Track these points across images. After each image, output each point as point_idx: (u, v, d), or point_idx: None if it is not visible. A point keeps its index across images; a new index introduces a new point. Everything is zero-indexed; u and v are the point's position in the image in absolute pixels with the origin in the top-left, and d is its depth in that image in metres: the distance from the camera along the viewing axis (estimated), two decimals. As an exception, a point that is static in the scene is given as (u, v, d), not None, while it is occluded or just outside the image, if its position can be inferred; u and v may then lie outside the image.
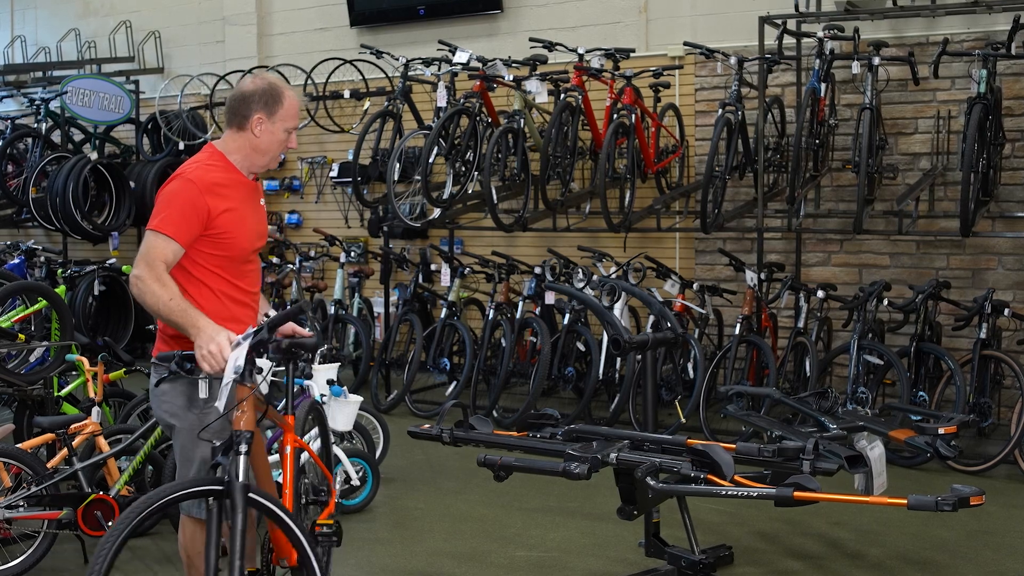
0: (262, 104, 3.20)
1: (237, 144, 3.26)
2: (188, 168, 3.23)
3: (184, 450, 3.27)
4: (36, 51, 10.66)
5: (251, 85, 3.24)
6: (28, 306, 6.07)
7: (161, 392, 3.21)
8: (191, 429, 3.18)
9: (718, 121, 6.52)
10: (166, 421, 3.28)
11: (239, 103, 3.23)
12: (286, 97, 3.23)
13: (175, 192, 3.15)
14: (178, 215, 3.10)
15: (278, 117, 3.21)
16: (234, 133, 3.26)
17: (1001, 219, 6.73)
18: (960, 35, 6.78)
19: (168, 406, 3.23)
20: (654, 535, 4.04)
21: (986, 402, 5.95)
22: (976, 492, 3.31)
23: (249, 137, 3.23)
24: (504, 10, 8.43)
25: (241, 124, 3.23)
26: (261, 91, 3.21)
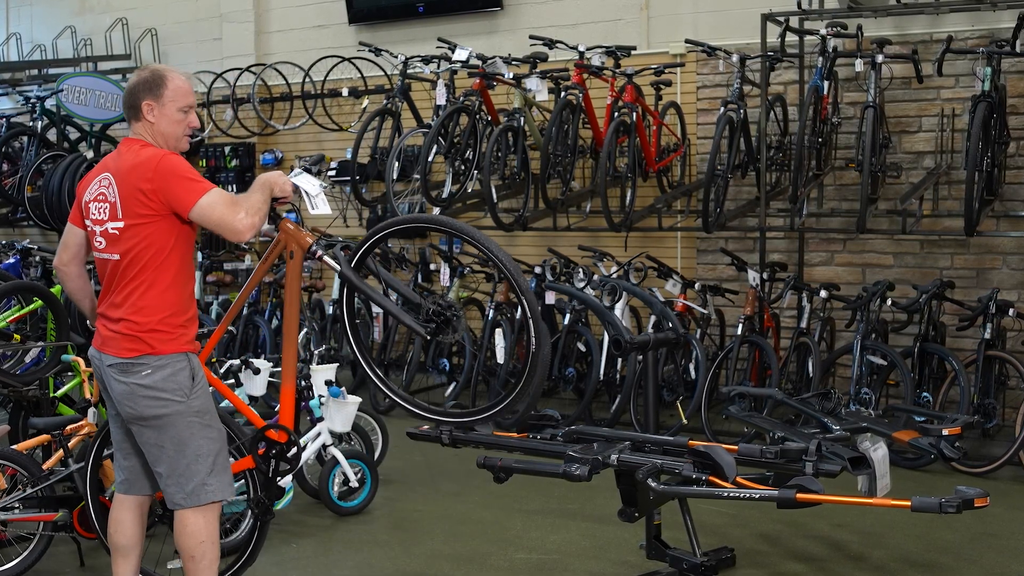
0: (147, 91, 3.34)
1: (140, 134, 3.37)
2: (153, 149, 3.32)
3: (181, 435, 3.29)
4: (32, 49, 10.63)
5: (136, 77, 3.41)
6: (23, 306, 6.04)
7: (160, 379, 3.25)
8: (189, 412, 3.29)
9: (720, 119, 6.48)
10: (153, 412, 3.27)
11: (128, 96, 3.39)
12: (169, 79, 3.36)
13: (180, 162, 3.28)
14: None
15: (166, 99, 3.33)
16: (135, 125, 3.40)
17: (1006, 218, 6.69)
18: (964, 32, 6.74)
19: (166, 393, 3.26)
20: (655, 537, 4.02)
21: (990, 403, 5.91)
22: (980, 494, 3.30)
23: (146, 125, 3.35)
24: (504, 7, 8.39)
25: (136, 115, 3.37)
26: (144, 80, 3.37)
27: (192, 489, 3.32)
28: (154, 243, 3.26)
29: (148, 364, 3.26)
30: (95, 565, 4.36)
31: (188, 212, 3.23)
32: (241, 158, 9.40)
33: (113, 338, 3.31)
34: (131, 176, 3.25)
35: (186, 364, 3.33)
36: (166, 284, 3.29)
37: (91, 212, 3.35)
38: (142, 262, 3.26)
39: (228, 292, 9.06)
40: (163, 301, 3.29)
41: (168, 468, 3.32)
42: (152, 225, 3.25)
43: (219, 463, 3.37)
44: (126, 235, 3.26)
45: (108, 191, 3.30)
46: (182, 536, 3.37)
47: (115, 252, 3.29)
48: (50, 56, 10.42)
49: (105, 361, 3.33)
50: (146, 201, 3.23)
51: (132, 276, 3.28)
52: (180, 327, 3.33)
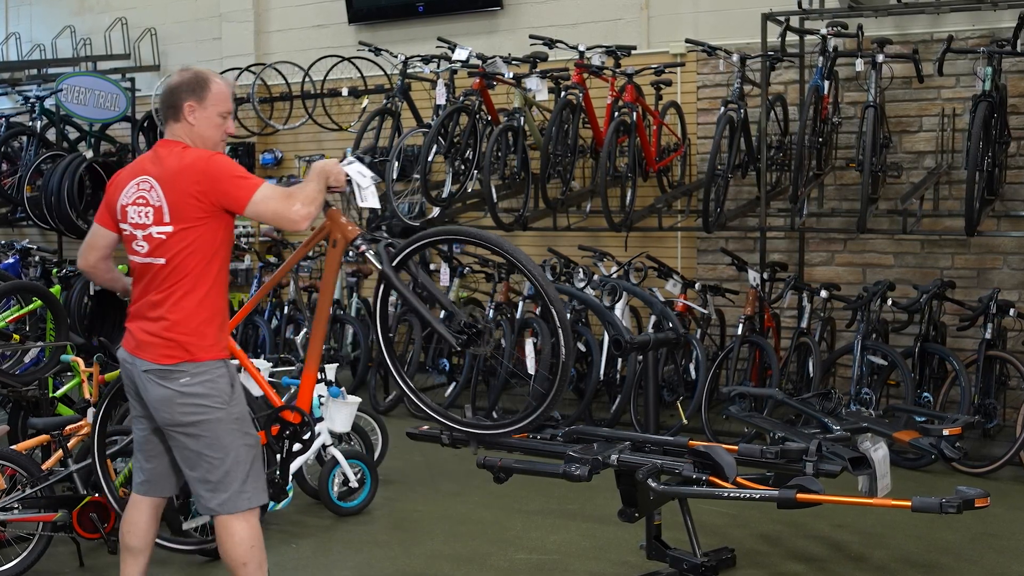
0: (190, 91, 3.30)
1: (178, 135, 3.33)
2: (198, 150, 3.28)
3: (220, 443, 3.26)
4: (31, 48, 10.61)
5: (177, 77, 3.36)
6: (23, 306, 6.03)
7: (199, 385, 3.22)
8: (229, 419, 3.26)
9: (720, 119, 6.48)
10: (193, 419, 3.23)
11: (169, 95, 3.34)
12: (213, 83, 3.33)
13: (228, 161, 3.27)
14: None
15: (209, 102, 3.31)
16: (173, 126, 3.35)
17: (1006, 218, 6.69)
18: (965, 32, 6.73)
19: (206, 400, 3.23)
20: (655, 537, 4.01)
21: (991, 403, 5.91)
22: (981, 494, 3.30)
23: (185, 126, 3.31)
24: (504, 7, 8.38)
25: (175, 115, 3.32)
26: (187, 81, 3.32)
27: (229, 496, 3.28)
28: (200, 248, 3.23)
29: (187, 371, 3.22)
30: (94, 565, 4.36)
31: (244, 209, 3.20)
32: (241, 158, 9.38)
33: (150, 343, 3.26)
34: (180, 179, 3.20)
35: (225, 371, 3.29)
36: (206, 289, 3.26)
37: (129, 216, 3.28)
38: (188, 267, 3.22)
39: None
40: (203, 306, 3.25)
41: (205, 475, 3.27)
42: (201, 228, 3.22)
43: (255, 469, 3.34)
44: (174, 239, 3.21)
45: (150, 195, 3.24)
46: (231, 544, 3.32)
47: (161, 256, 3.24)
48: (49, 56, 10.40)
49: (140, 366, 3.28)
50: (197, 204, 3.19)
51: (175, 280, 3.23)
52: (218, 333, 3.30)
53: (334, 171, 3.40)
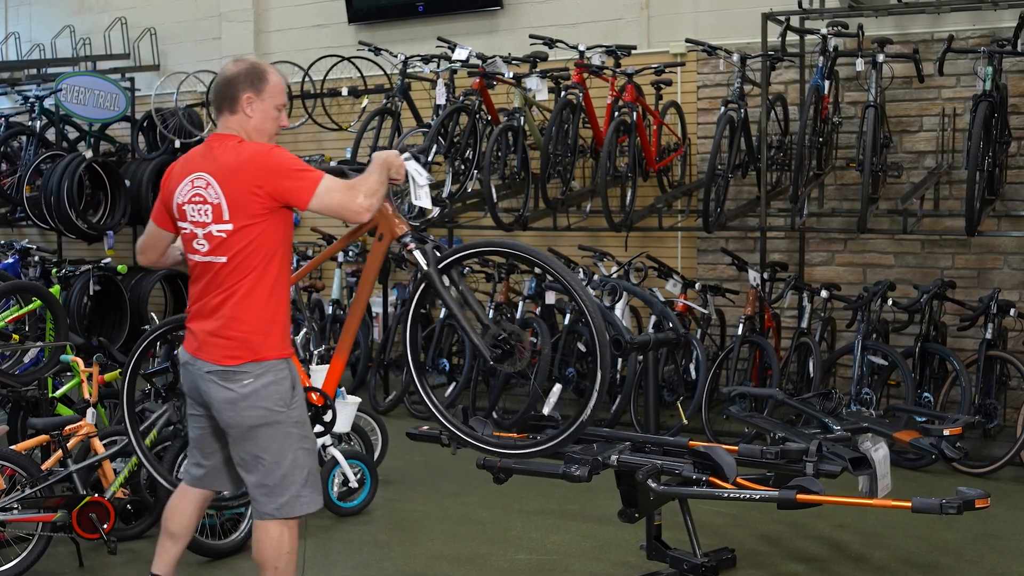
0: (249, 83, 3.22)
1: (233, 128, 3.24)
2: (255, 144, 3.21)
3: (279, 446, 3.21)
4: (30, 48, 10.59)
5: (234, 68, 3.27)
6: (22, 306, 6.02)
7: (262, 387, 3.18)
8: (289, 422, 3.22)
9: (720, 119, 6.47)
10: (253, 422, 3.19)
11: (226, 87, 3.24)
12: (270, 74, 3.26)
13: (288, 155, 3.20)
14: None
15: (266, 94, 3.23)
16: (228, 118, 3.26)
17: (1007, 218, 6.68)
18: (965, 32, 6.72)
19: (268, 403, 3.19)
20: (656, 538, 4.01)
21: (992, 403, 5.90)
22: (981, 495, 3.30)
23: (242, 119, 3.24)
24: (504, 7, 8.38)
25: (232, 107, 3.23)
26: (245, 72, 3.23)
27: (285, 501, 3.22)
28: (263, 244, 3.16)
29: (250, 373, 3.17)
30: (94, 566, 4.35)
31: (307, 204, 3.13)
32: (241, 158, 9.37)
33: (213, 344, 3.20)
34: (240, 175, 3.13)
35: (287, 373, 3.24)
36: (269, 287, 3.20)
37: (188, 215, 3.21)
38: (251, 264, 3.16)
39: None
40: (266, 305, 3.20)
41: (262, 478, 3.22)
42: (263, 224, 3.15)
43: (312, 474, 3.29)
44: (235, 237, 3.15)
45: (207, 192, 3.17)
46: (265, 547, 3.26)
47: (222, 255, 3.17)
48: (49, 55, 10.38)
49: (202, 367, 3.22)
50: (258, 199, 3.13)
51: (237, 279, 3.17)
52: (282, 331, 3.25)
53: (396, 163, 3.32)
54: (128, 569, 4.35)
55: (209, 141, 3.26)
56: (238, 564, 4.42)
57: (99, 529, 4.20)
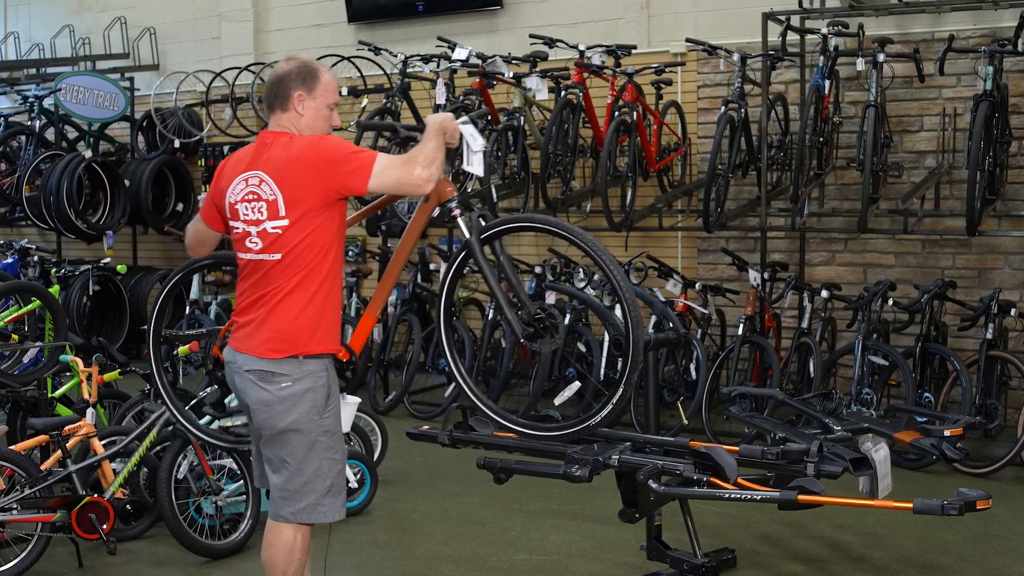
0: (300, 81, 3.21)
1: (284, 126, 3.24)
2: (306, 138, 3.19)
3: (305, 453, 3.18)
4: (30, 48, 10.59)
5: (286, 66, 3.26)
6: (21, 306, 6.01)
7: (298, 392, 3.15)
8: (319, 431, 3.18)
9: (721, 119, 6.46)
10: (284, 425, 3.16)
11: (277, 85, 3.24)
12: (322, 73, 3.26)
13: (337, 141, 3.17)
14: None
15: (318, 92, 3.22)
16: (279, 116, 3.25)
17: (1007, 218, 6.67)
18: (966, 31, 6.72)
19: (302, 409, 3.16)
20: (656, 538, 4.00)
21: (992, 403, 5.90)
22: (982, 495, 3.30)
23: (293, 116, 3.22)
24: (504, 6, 8.37)
25: (284, 105, 3.23)
26: (297, 70, 3.23)
27: (303, 507, 3.20)
28: (317, 240, 3.14)
29: (289, 376, 3.14)
30: (93, 566, 4.35)
31: (366, 188, 3.11)
32: (240, 157, 9.36)
33: (260, 338, 3.17)
34: (294, 170, 3.11)
35: (325, 380, 3.20)
36: (322, 282, 3.17)
37: (241, 214, 3.19)
38: (305, 261, 3.14)
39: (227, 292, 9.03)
40: (317, 299, 3.17)
41: (284, 481, 3.20)
42: (319, 219, 3.13)
43: (336, 484, 3.25)
44: (290, 233, 3.12)
45: (260, 189, 3.14)
46: (276, 550, 3.24)
47: (277, 251, 3.14)
48: (48, 55, 10.38)
49: (243, 365, 3.20)
50: (315, 193, 3.10)
51: (291, 275, 3.14)
52: (331, 325, 3.22)
53: (450, 127, 3.26)
54: (127, 569, 4.35)
55: (261, 138, 3.25)
56: (237, 564, 4.42)
57: (98, 529, 4.20)
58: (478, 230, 3.40)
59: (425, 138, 3.20)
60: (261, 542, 4.59)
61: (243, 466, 4.60)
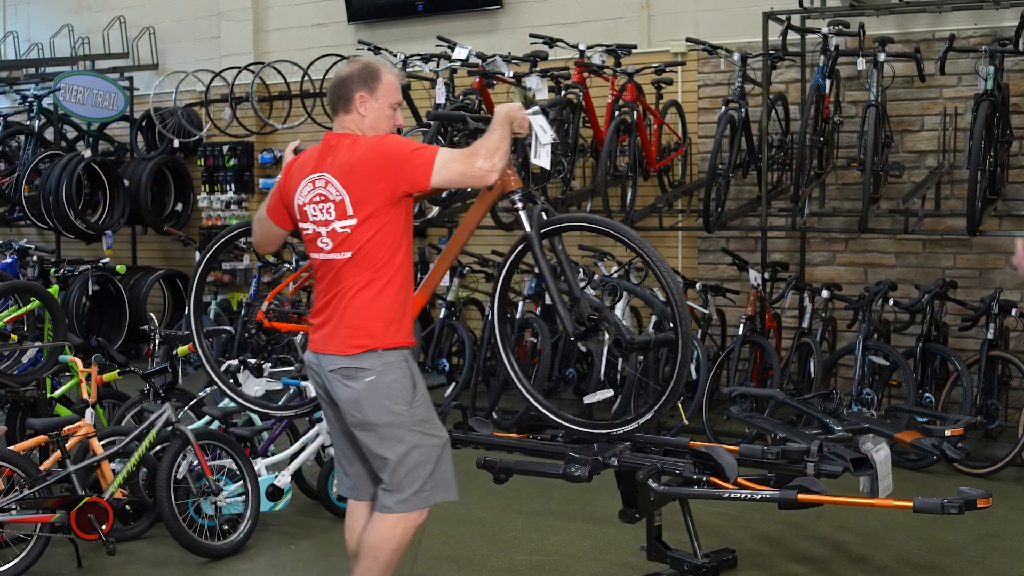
0: (362, 83, 3.24)
1: (348, 128, 3.26)
2: (369, 138, 3.20)
3: (402, 445, 3.19)
4: (29, 47, 10.59)
5: (348, 68, 3.30)
6: (21, 306, 6.00)
7: (384, 386, 3.16)
8: (412, 421, 3.19)
9: (721, 118, 6.46)
10: (377, 420, 3.16)
11: (340, 87, 3.26)
12: (384, 73, 3.27)
13: (399, 139, 3.21)
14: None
15: (380, 93, 3.24)
16: (342, 117, 3.28)
17: (1008, 218, 6.67)
18: (967, 31, 6.71)
19: (389, 401, 3.17)
20: (656, 538, 3.99)
21: (993, 403, 5.89)
22: (983, 495, 3.30)
23: (356, 118, 3.25)
24: (504, 6, 8.36)
25: (346, 107, 3.26)
26: (359, 71, 3.26)
27: (408, 496, 3.22)
28: (386, 237, 3.17)
29: (372, 369, 3.16)
30: (92, 566, 4.34)
31: (429, 184, 3.14)
32: (239, 157, 9.37)
33: (338, 336, 3.19)
34: (360, 170, 3.14)
35: (407, 370, 3.22)
36: (390, 277, 3.19)
37: (310, 215, 3.22)
38: (375, 258, 3.17)
39: (227, 292, 9.03)
40: (390, 295, 3.19)
41: (388, 477, 3.22)
42: (386, 216, 3.16)
43: (439, 469, 3.26)
44: (359, 232, 3.15)
45: (327, 190, 3.17)
46: (376, 537, 3.25)
47: (347, 250, 3.17)
48: (47, 55, 10.38)
49: (327, 365, 3.22)
50: (381, 193, 3.13)
51: (362, 273, 3.17)
52: (405, 319, 3.25)
53: (518, 117, 3.28)
54: (126, 570, 4.34)
55: (325, 140, 3.28)
56: (237, 565, 4.41)
57: (98, 530, 4.19)
58: (538, 224, 3.40)
59: (490, 128, 3.23)
60: (261, 543, 4.63)
61: (242, 466, 4.59)
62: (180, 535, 4.34)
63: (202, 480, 4.48)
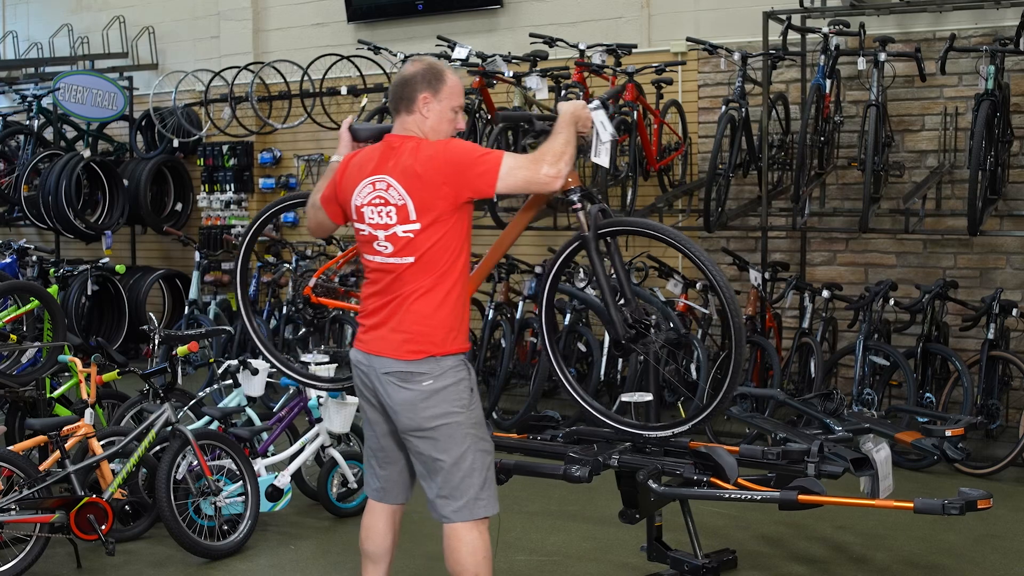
0: (426, 84, 3.18)
1: (410, 129, 3.21)
2: (433, 142, 3.16)
3: (458, 449, 3.16)
4: (28, 47, 10.58)
5: (412, 68, 3.24)
6: (20, 306, 5.99)
7: (442, 389, 3.13)
8: (468, 424, 3.17)
9: (721, 118, 6.45)
10: (433, 424, 3.13)
11: (403, 87, 3.20)
12: (448, 76, 3.22)
13: (464, 145, 3.17)
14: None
15: (443, 95, 3.19)
16: (404, 118, 3.22)
17: (1009, 217, 6.66)
18: (967, 30, 6.70)
19: (447, 404, 3.14)
20: (656, 539, 3.99)
21: (994, 404, 5.89)
22: (984, 495, 3.30)
23: (418, 119, 3.19)
24: (504, 5, 8.35)
25: (409, 107, 3.20)
26: (423, 72, 3.20)
27: (464, 504, 3.18)
28: (450, 243, 3.13)
29: (429, 373, 3.13)
30: (92, 567, 4.33)
31: (493, 191, 3.10)
32: (239, 157, 9.36)
33: (395, 340, 3.15)
34: (423, 176, 3.09)
35: (465, 374, 3.20)
36: (452, 282, 3.16)
37: (367, 217, 3.17)
38: (439, 263, 3.13)
39: (226, 292, 9.03)
40: (450, 301, 3.16)
41: (442, 482, 3.18)
42: (450, 221, 3.12)
43: (489, 477, 3.24)
44: (422, 237, 3.11)
45: (388, 194, 3.13)
46: (463, 553, 3.20)
47: (410, 255, 3.12)
48: (47, 54, 10.37)
49: (380, 368, 3.18)
50: (445, 198, 3.09)
51: (424, 278, 3.13)
52: (464, 326, 3.22)
53: (584, 115, 3.23)
54: (126, 570, 4.33)
55: (387, 141, 3.22)
56: (236, 565, 4.40)
57: (97, 530, 4.19)
58: (596, 225, 3.37)
59: (555, 131, 3.18)
60: (261, 543, 4.62)
61: (242, 467, 4.59)
62: (180, 535, 4.33)
63: (202, 480, 4.48)
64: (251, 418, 5.20)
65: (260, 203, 9.46)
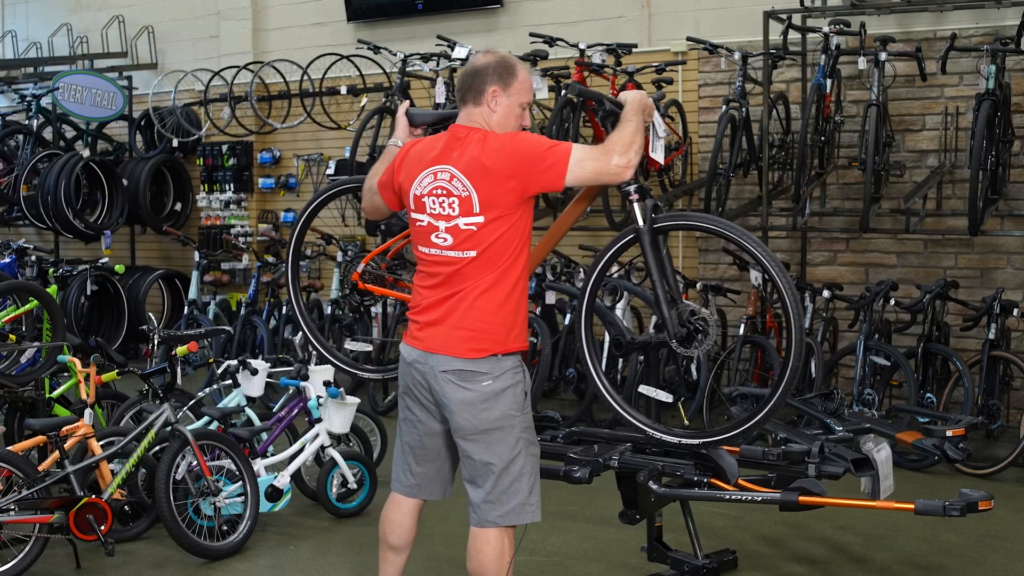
0: (496, 77, 3.11)
1: (476, 121, 3.14)
2: (500, 135, 3.11)
3: (510, 452, 3.12)
4: (27, 46, 10.58)
5: (483, 59, 3.15)
6: (19, 306, 5.98)
7: (501, 390, 3.08)
8: (520, 427, 3.13)
9: (722, 118, 6.45)
10: (489, 425, 3.09)
11: (473, 78, 3.13)
12: (519, 71, 3.15)
13: (530, 137, 3.10)
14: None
15: (513, 90, 3.12)
16: (471, 109, 3.15)
17: (1010, 217, 6.65)
18: (968, 30, 6.70)
19: (504, 405, 3.09)
20: (657, 540, 3.99)
21: (995, 404, 5.88)
22: (985, 496, 3.30)
23: (485, 112, 3.13)
24: (504, 5, 8.35)
25: (477, 99, 3.12)
26: (495, 64, 3.12)
27: (511, 508, 3.13)
28: (514, 238, 3.06)
29: (490, 373, 3.07)
30: (91, 567, 4.32)
31: (563, 184, 3.04)
32: (239, 157, 9.36)
33: (456, 337, 3.08)
34: (490, 168, 3.02)
35: (522, 376, 3.15)
36: (516, 280, 3.10)
37: (428, 207, 3.10)
38: (501, 258, 3.06)
39: (226, 292, 9.02)
40: (513, 298, 3.10)
41: (491, 486, 3.13)
42: (515, 215, 3.06)
43: (537, 481, 3.19)
44: (486, 230, 3.04)
45: (451, 185, 3.05)
46: (490, 556, 3.16)
47: (472, 249, 3.05)
48: (46, 54, 10.37)
49: (438, 366, 3.10)
50: (512, 192, 3.03)
51: (486, 272, 3.06)
52: (524, 323, 3.16)
53: (649, 105, 3.18)
54: (125, 570, 4.33)
55: (452, 131, 3.15)
56: (236, 566, 4.40)
57: (96, 530, 4.18)
58: (651, 220, 3.33)
59: (623, 120, 3.14)
60: (261, 543, 4.61)
61: (241, 467, 4.58)
62: (179, 536, 4.33)
63: (201, 481, 4.47)
64: (251, 418, 5.20)
65: (259, 203, 9.46)
